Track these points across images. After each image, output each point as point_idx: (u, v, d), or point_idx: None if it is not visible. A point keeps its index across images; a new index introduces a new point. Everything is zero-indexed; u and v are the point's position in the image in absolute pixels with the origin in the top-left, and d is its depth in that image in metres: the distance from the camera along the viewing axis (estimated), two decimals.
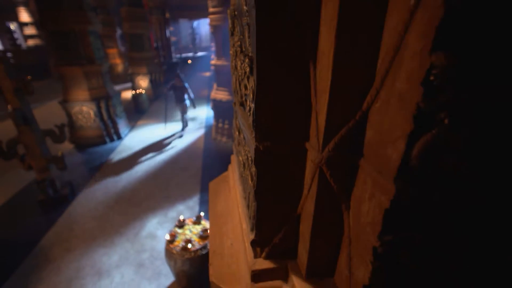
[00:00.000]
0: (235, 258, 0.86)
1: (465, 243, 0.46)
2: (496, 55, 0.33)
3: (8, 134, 4.18)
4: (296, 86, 0.51)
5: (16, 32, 16.89)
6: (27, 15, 17.21)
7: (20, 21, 17.23)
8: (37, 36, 17.50)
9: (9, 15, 17.83)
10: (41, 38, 17.63)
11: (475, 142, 0.38)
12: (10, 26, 16.83)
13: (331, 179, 0.51)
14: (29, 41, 17.12)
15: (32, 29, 17.50)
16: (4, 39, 17.46)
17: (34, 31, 17.51)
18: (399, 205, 0.43)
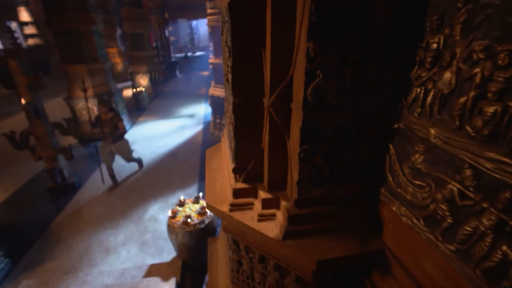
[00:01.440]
0: (222, 191, 1.24)
1: (341, 147, 0.84)
2: (338, 43, 0.71)
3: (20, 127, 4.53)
4: (254, 63, 0.88)
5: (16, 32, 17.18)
6: (27, 15, 17.50)
7: (20, 20, 17.51)
8: (37, 36, 17.77)
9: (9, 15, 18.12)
10: (41, 38, 17.93)
11: (338, 86, 0.76)
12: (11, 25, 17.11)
13: (276, 117, 0.89)
14: (29, 40, 17.41)
15: (32, 29, 17.76)
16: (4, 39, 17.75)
17: (34, 31, 17.78)
18: (306, 125, 0.80)
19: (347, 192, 0.95)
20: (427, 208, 0.72)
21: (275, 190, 1.05)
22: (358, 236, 0.96)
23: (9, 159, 6.09)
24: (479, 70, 0.55)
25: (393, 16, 0.70)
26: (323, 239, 0.95)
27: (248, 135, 1.00)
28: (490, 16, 0.52)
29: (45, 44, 17.64)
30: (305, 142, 0.83)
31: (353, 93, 0.78)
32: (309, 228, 0.96)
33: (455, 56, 0.61)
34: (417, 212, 0.76)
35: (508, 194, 0.52)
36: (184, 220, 2.97)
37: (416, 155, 0.75)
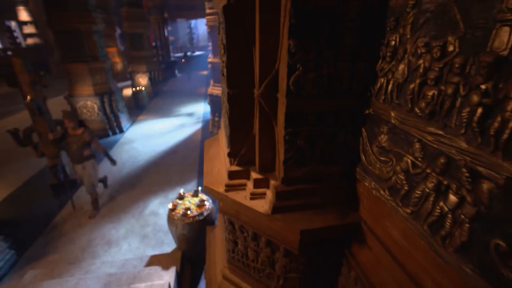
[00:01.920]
0: (219, 175, 1.38)
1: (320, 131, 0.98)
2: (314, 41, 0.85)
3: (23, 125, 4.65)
4: (245, 59, 1.02)
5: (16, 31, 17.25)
6: (26, 14, 17.58)
7: (19, 20, 17.59)
8: (36, 35, 17.86)
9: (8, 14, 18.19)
10: (40, 37, 18.00)
11: (316, 78, 0.90)
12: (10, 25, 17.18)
13: (264, 105, 1.02)
14: (28, 40, 17.50)
15: (31, 28, 17.84)
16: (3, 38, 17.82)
17: (33, 30, 17.86)
18: (290, 110, 0.94)
19: (327, 171, 1.09)
20: (390, 179, 0.86)
21: (265, 172, 1.19)
22: (337, 210, 1.10)
23: (12, 156, 6.22)
24: (422, 62, 0.69)
25: (361, 18, 0.84)
26: (306, 213, 1.09)
27: (241, 122, 1.14)
28: (429, 19, 0.66)
29: (44, 44, 17.74)
30: (289, 126, 0.97)
31: (329, 84, 0.92)
32: (294, 203, 1.10)
33: (406, 51, 0.75)
34: (383, 184, 0.90)
35: (443, 160, 0.66)
36: (183, 212, 3.10)
37: (382, 135, 0.89)
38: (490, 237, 0.56)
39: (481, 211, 0.58)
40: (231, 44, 1.03)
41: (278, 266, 1.36)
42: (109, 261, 3.32)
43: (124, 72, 13.40)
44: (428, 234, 0.72)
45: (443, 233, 0.67)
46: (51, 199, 4.68)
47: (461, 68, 0.59)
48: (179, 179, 5.10)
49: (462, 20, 0.58)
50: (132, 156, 6.10)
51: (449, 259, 0.66)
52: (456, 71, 0.60)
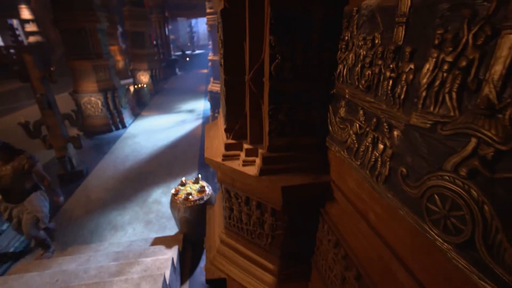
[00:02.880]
0: (217, 149, 1.67)
1: (297, 108, 1.27)
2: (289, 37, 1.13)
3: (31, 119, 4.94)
4: (238, 51, 1.31)
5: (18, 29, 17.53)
6: (28, 13, 17.86)
7: (21, 18, 17.87)
8: (38, 33, 18.12)
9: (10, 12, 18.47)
10: (41, 35, 18.27)
11: (291, 65, 1.19)
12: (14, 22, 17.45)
13: (253, 88, 1.31)
14: (30, 38, 17.76)
15: (33, 26, 18.11)
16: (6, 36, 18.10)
17: (35, 28, 18.12)
18: (272, 91, 1.23)
19: (304, 142, 1.38)
20: (346, 142, 1.15)
21: (255, 143, 1.48)
22: (312, 173, 1.39)
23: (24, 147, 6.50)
24: (361, 51, 0.98)
25: (324, 20, 1.13)
26: (287, 175, 1.38)
27: (235, 103, 1.43)
28: (365, 21, 0.95)
29: (46, 42, 18.02)
30: (272, 103, 1.27)
31: (302, 70, 1.21)
32: (277, 167, 1.39)
33: (354, 43, 1.04)
34: (343, 146, 1.19)
35: (375, 119, 0.95)
36: (185, 197, 3.39)
37: (341, 108, 1.18)
38: (398, 167, 0.85)
39: (394, 151, 0.87)
40: (227, 40, 1.32)
41: (266, 226, 1.65)
42: (116, 242, 3.62)
43: (125, 70, 13.69)
44: (369, 176, 1.01)
45: (376, 173, 0.96)
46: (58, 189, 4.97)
47: (382, 54, 0.88)
48: (180, 171, 5.39)
49: (382, 22, 0.87)
50: (135, 150, 6.39)
51: (380, 190, 0.95)
52: (379, 56, 0.89)
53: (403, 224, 0.87)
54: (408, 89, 0.78)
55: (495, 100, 0.55)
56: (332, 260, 1.41)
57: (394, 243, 0.94)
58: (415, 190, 0.78)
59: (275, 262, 1.71)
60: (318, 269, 1.63)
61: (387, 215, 0.96)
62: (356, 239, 1.18)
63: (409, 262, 0.86)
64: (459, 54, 0.62)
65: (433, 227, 0.73)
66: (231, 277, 1.90)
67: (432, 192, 0.72)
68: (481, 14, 0.56)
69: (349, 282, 1.26)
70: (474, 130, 0.59)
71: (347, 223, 1.28)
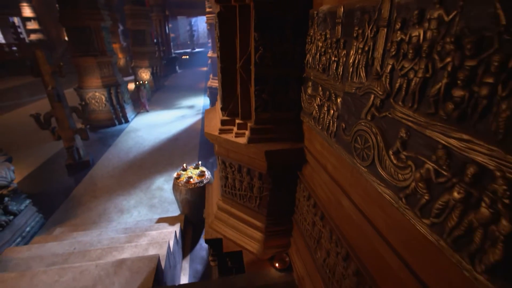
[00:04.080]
0: (215, 126, 2.05)
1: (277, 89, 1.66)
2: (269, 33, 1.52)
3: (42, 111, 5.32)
4: (231, 44, 1.69)
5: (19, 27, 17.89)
6: (30, 10, 18.22)
7: (23, 16, 18.22)
8: (39, 31, 18.47)
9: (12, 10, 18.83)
10: (43, 33, 18.61)
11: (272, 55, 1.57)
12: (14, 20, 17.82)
13: (243, 74, 1.69)
14: (31, 36, 18.12)
15: (34, 24, 18.45)
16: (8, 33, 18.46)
17: (37, 26, 18.46)
18: (256, 75, 1.61)
19: (283, 116, 1.77)
20: (312, 113, 1.53)
21: (245, 119, 1.87)
22: (290, 141, 1.78)
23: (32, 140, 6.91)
24: (320, 43, 1.36)
25: (295, 20, 1.51)
26: (270, 143, 1.76)
27: (229, 86, 1.82)
28: (321, 21, 1.33)
29: (47, 39, 18.38)
30: (257, 85, 1.65)
31: (280, 59, 1.59)
32: (262, 137, 1.77)
33: (315, 38, 1.42)
34: (311, 117, 1.57)
35: (328, 92, 1.33)
36: (186, 180, 3.78)
37: (309, 88, 1.56)
38: (341, 123, 1.23)
39: (339, 113, 1.25)
40: (222, 36, 1.70)
41: (255, 189, 2.03)
42: (123, 222, 4.00)
43: (126, 67, 14.07)
44: (326, 135, 1.39)
45: (329, 131, 1.34)
46: (67, 177, 5.37)
47: (330, 45, 1.26)
48: (181, 161, 5.77)
49: (330, 23, 1.25)
50: (137, 142, 6.77)
51: (331, 143, 1.33)
52: (329, 46, 1.27)
53: (345, 164, 1.25)
54: (343, 68, 1.17)
55: (380, 69, 0.93)
56: (306, 212, 1.79)
57: (341, 182, 1.32)
58: (349, 137, 1.16)
59: (263, 220, 2.10)
60: (297, 223, 2.01)
61: (338, 163, 1.34)
62: (320, 188, 1.57)
63: (349, 191, 1.25)
64: (364, 43, 1.00)
65: (357, 158, 1.11)
66: (226, 237, 2.28)
67: (356, 135, 1.10)
68: (372, 17, 0.95)
69: (316, 224, 1.64)
70: (372, 89, 0.98)
71: (315, 177, 1.66)
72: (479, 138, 0.62)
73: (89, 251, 2.67)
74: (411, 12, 0.78)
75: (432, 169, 0.74)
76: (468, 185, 0.65)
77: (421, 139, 0.78)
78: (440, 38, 0.69)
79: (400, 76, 0.84)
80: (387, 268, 0.99)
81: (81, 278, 2.15)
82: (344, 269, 1.33)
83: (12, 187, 3.45)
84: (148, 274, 2.19)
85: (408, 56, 0.80)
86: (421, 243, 0.82)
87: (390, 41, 0.88)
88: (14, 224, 3.57)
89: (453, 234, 0.69)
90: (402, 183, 0.86)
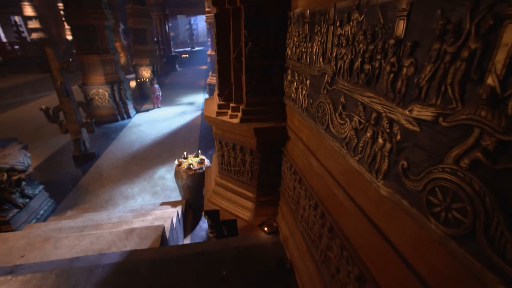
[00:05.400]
0: (213, 110, 2.44)
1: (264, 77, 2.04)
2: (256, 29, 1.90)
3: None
4: (225, 40, 2.07)
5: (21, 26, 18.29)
6: (31, 9, 18.60)
7: (24, 15, 18.61)
8: (41, 30, 18.84)
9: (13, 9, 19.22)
10: (44, 32, 18.98)
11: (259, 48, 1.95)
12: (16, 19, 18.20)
13: (236, 65, 2.06)
14: (33, 34, 18.50)
15: (36, 23, 18.82)
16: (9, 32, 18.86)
17: (38, 25, 18.83)
18: (247, 65, 1.99)
19: (270, 100, 2.15)
20: (291, 95, 1.92)
21: (238, 103, 2.25)
22: (275, 121, 2.16)
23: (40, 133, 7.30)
24: (295, 38, 1.74)
25: (277, 20, 1.89)
26: (258, 123, 2.14)
27: (224, 75, 2.20)
28: (296, 21, 1.71)
29: (49, 38, 18.77)
30: (247, 73, 2.03)
31: (266, 52, 1.97)
32: (252, 117, 2.15)
33: (292, 34, 1.80)
34: (291, 99, 1.95)
35: (301, 77, 1.71)
36: (187, 167, 4.16)
37: (288, 75, 1.94)
38: (309, 99, 1.61)
39: (309, 92, 1.63)
40: (218, 33, 2.09)
41: (247, 164, 2.41)
42: (129, 206, 4.39)
43: (127, 66, 14.46)
44: (301, 111, 1.77)
45: (303, 107, 1.72)
46: (74, 168, 5.75)
47: (303, 39, 1.64)
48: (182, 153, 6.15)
49: (301, 22, 1.63)
50: (140, 136, 7.16)
51: (304, 116, 1.71)
52: (302, 41, 1.65)
53: (314, 132, 1.63)
54: (310, 56, 1.55)
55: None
56: (288, 180, 2.17)
57: (311, 147, 1.70)
58: (314, 109, 1.54)
59: (254, 191, 2.48)
60: (283, 194, 2.39)
61: (309, 132, 1.72)
62: (298, 157, 1.95)
63: (316, 153, 1.62)
64: (321, 37, 1.38)
65: (319, 124, 1.49)
66: (223, 208, 2.66)
67: (318, 107, 1.48)
68: (325, 18, 1.33)
69: (296, 188, 2.02)
70: (326, 71, 1.35)
71: (295, 149, 2.04)
72: (377, 94, 0.99)
73: (101, 224, 3.05)
74: (343, 15, 1.15)
75: (357, 120, 1.12)
76: (373, 126, 1.02)
77: (351, 101, 1.16)
78: (357, 32, 1.07)
79: (339, 59, 1.21)
80: (339, 203, 1.37)
81: (98, 242, 2.54)
82: (314, 217, 1.71)
83: (28, 171, 3.83)
84: (155, 239, 2.57)
85: (343, 44, 1.17)
86: (355, 175, 1.19)
87: (335, 35, 1.26)
88: (30, 206, 3.96)
89: (368, 161, 1.07)
90: (343, 135, 1.24)
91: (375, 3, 0.95)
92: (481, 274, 0.64)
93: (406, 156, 0.87)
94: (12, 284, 1.90)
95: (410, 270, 0.89)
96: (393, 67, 0.89)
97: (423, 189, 0.80)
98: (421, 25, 0.77)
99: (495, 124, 0.58)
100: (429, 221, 0.79)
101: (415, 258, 0.89)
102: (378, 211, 1.06)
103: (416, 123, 0.81)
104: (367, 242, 1.16)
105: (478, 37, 0.61)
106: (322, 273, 1.64)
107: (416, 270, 0.88)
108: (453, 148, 0.70)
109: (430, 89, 0.76)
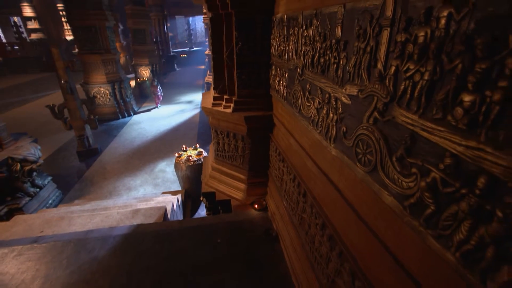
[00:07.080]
0: (209, 102, 2.80)
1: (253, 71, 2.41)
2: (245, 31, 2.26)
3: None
4: (219, 40, 2.43)
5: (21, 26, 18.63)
6: (30, 10, 18.95)
7: (24, 15, 18.96)
8: (40, 30, 19.18)
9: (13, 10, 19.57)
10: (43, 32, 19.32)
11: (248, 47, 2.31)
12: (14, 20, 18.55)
13: (228, 62, 2.42)
14: (32, 35, 18.84)
15: (35, 24, 19.16)
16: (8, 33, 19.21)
17: (37, 25, 19.17)
18: (238, 61, 2.36)
19: (258, 92, 2.51)
20: (275, 87, 2.28)
21: (230, 95, 2.62)
22: (263, 110, 2.52)
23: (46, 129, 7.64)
24: (277, 39, 2.10)
25: (263, 21, 2.25)
26: (248, 112, 2.51)
27: (218, 71, 2.56)
28: (278, 24, 2.08)
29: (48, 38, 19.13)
30: (238, 69, 2.40)
31: (254, 50, 2.33)
32: (243, 107, 2.51)
33: (275, 35, 2.16)
34: (275, 91, 2.32)
35: (282, 71, 2.07)
36: (187, 158, 4.52)
37: (273, 70, 2.31)
38: (289, 89, 1.97)
39: (286, 83, 1.99)
40: (213, 34, 2.45)
41: (239, 149, 2.77)
42: (132, 195, 4.74)
43: (127, 65, 14.82)
44: (282, 100, 2.13)
45: (284, 96, 2.08)
46: (78, 163, 6.10)
47: (283, 39, 2.00)
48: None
49: (280, 25, 2.00)
50: (140, 133, 7.52)
51: (284, 104, 2.07)
52: (282, 40, 2.01)
53: (293, 118, 1.99)
54: (287, 53, 1.91)
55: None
56: (275, 161, 2.53)
57: (290, 129, 2.06)
58: (290, 95, 1.90)
59: (245, 174, 2.84)
60: (271, 175, 2.75)
61: (289, 117, 2.08)
62: (281, 140, 2.31)
63: (293, 132, 1.98)
64: (296, 37, 1.74)
65: (293, 106, 1.85)
66: (218, 190, 3.02)
67: (293, 93, 1.84)
68: (296, 22, 1.69)
69: (280, 167, 2.38)
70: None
71: (279, 134, 2.40)
72: (328, 80, 1.35)
73: (109, 208, 3.41)
74: (308, 20, 1.52)
75: (318, 101, 1.48)
76: (326, 104, 1.38)
77: (314, 87, 1.52)
78: (316, 33, 1.43)
79: (305, 55, 1.58)
80: (309, 171, 1.73)
81: (107, 220, 2.89)
82: (293, 188, 2.07)
83: (39, 162, 4.19)
84: (158, 217, 2.93)
85: (307, 43, 1.54)
86: (318, 145, 1.55)
87: (302, 36, 1.62)
88: (40, 195, 4.31)
89: (324, 132, 1.43)
90: (309, 114, 1.60)
91: (325, 13, 1.31)
92: (380, 192, 1.00)
93: (345, 123, 1.23)
94: (38, 249, 2.26)
95: (351, 209, 1.25)
96: (335, 59, 1.25)
97: (353, 144, 1.16)
98: (349, 29, 1.14)
99: (383, 93, 0.95)
100: (356, 166, 1.14)
101: (353, 199, 1.25)
102: (331, 168, 1.42)
103: (348, 98, 1.18)
104: (328, 196, 1.52)
105: (373, 38, 0.98)
106: (299, 233, 2.00)
107: (353, 206, 1.24)
108: (365, 112, 1.06)
109: (354, 73, 1.12)
